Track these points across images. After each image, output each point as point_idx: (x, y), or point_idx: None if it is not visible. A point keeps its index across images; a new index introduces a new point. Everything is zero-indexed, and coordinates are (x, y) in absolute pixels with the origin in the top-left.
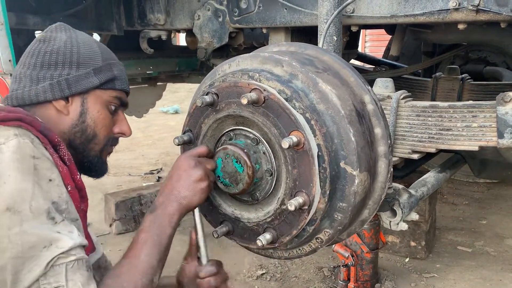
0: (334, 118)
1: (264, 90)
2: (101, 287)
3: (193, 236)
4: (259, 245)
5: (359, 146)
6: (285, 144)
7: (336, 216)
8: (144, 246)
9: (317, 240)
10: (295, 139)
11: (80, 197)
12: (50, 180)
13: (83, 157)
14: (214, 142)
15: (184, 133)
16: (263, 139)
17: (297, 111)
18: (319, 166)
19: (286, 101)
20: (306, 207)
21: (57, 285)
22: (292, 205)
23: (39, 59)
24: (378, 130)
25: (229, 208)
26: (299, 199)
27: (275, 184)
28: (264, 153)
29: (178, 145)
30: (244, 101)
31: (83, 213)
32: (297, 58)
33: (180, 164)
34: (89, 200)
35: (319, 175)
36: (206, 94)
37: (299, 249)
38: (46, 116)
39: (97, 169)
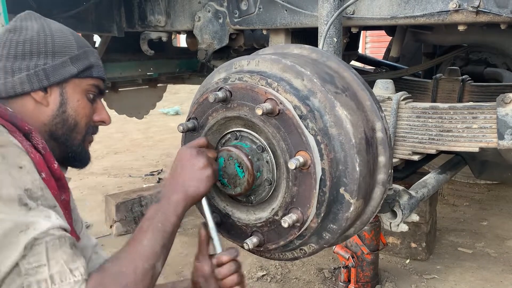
0: (344, 145)
1: (281, 103)
2: (100, 270)
3: (202, 233)
4: (245, 248)
5: (361, 175)
6: (292, 165)
7: (324, 235)
8: (147, 232)
9: (301, 251)
10: (301, 160)
11: (58, 186)
12: (20, 167)
13: (66, 147)
14: (219, 137)
15: (188, 120)
16: (269, 149)
17: (309, 132)
18: (319, 189)
19: (300, 118)
20: (299, 225)
21: (38, 265)
22: (286, 222)
23: (12, 50)
24: (382, 159)
25: (221, 203)
26: (293, 216)
27: (272, 193)
28: (267, 162)
29: (183, 132)
30: (259, 111)
31: (64, 204)
32: (318, 71)
33: (182, 155)
34: (90, 202)
35: (318, 198)
36: (219, 90)
37: (281, 254)
38: (25, 108)
39: (81, 158)
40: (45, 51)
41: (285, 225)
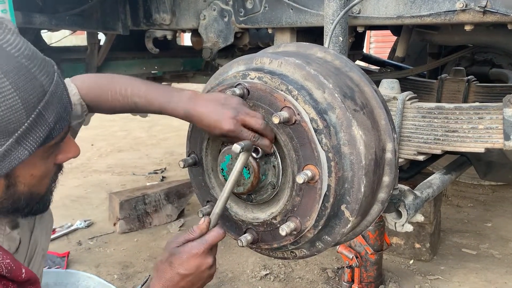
0: (353, 165)
1: (298, 113)
2: None
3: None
4: (239, 244)
5: (365, 196)
6: (300, 179)
7: (317, 244)
8: None
9: (292, 253)
10: (310, 174)
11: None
12: None
13: (16, 210)
14: None
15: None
16: (278, 155)
17: (322, 147)
18: (322, 203)
19: (315, 132)
20: (295, 233)
21: None
22: (283, 230)
23: None
24: (386, 179)
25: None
26: (291, 225)
27: (273, 197)
28: (274, 166)
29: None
30: (276, 120)
31: None
32: (340, 84)
33: (192, 263)
34: (93, 199)
35: (318, 211)
36: (237, 86)
37: (272, 252)
38: None
39: (41, 209)
40: None
41: (283, 233)
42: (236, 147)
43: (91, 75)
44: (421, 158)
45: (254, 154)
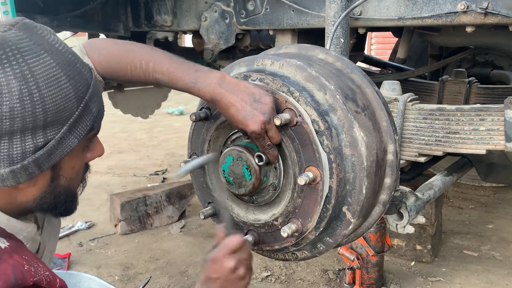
0: (355, 167)
1: (300, 115)
2: None
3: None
4: None
5: (366, 197)
6: (302, 181)
7: (319, 246)
8: None
9: (293, 255)
10: (311, 176)
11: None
12: None
13: (55, 207)
14: (230, 132)
15: (201, 109)
16: (279, 156)
17: (324, 149)
18: (323, 205)
19: (317, 134)
20: (297, 235)
21: None
22: (285, 232)
23: None
24: (387, 180)
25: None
26: (292, 227)
27: (274, 198)
28: (275, 168)
29: (195, 121)
30: (277, 122)
31: None
32: (341, 86)
33: (220, 271)
34: (94, 200)
35: (320, 213)
36: None
37: (273, 254)
38: None
39: (73, 208)
40: (33, 127)
41: (284, 235)
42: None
43: (109, 43)
44: (422, 159)
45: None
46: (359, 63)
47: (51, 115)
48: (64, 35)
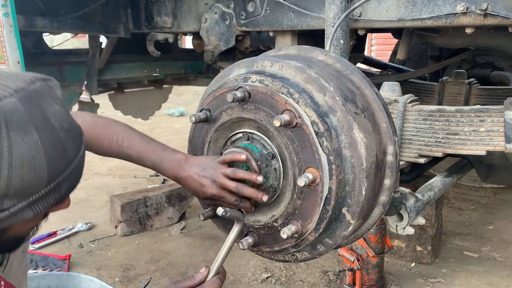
0: (354, 168)
1: (299, 116)
2: None
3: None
4: (240, 247)
5: (366, 198)
6: (301, 182)
7: (319, 247)
8: None
9: (293, 256)
10: (311, 177)
11: None
12: None
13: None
14: (230, 133)
15: (200, 111)
16: (279, 157)
17: (323, 150)
18: (323, 206)
19: (316, 135)
20: (296, 236)
21: None
22: (285, 233)
23: None
24: (387, 181)
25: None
26: (292, 228)
27: (274, 199)
28: (275, 169)
29: (195, 123)
30: (277, 123)
31: None
32: (341, 87)
33: None
34: (95, 202)
35: (320, 214)
36: (238, 89)
37: (273, 255)
38: None
39: (12, 249)
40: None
41: (284, 236)
42: (219, 210)
43: (92, 116)
44: (422, 160)
45: (239, 213)
46: (359, 64)
47: (14, 191)
48: (65, 37)
